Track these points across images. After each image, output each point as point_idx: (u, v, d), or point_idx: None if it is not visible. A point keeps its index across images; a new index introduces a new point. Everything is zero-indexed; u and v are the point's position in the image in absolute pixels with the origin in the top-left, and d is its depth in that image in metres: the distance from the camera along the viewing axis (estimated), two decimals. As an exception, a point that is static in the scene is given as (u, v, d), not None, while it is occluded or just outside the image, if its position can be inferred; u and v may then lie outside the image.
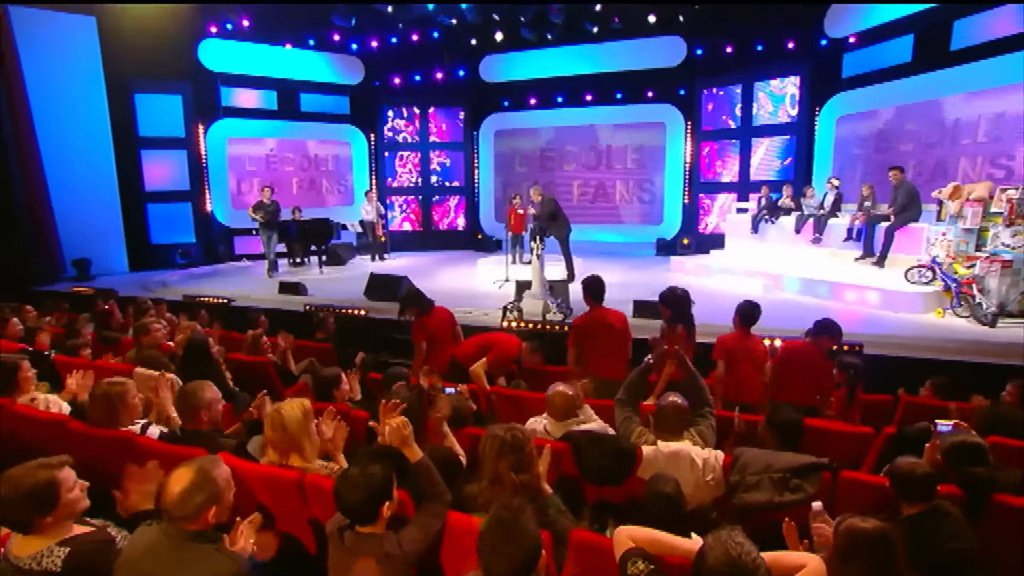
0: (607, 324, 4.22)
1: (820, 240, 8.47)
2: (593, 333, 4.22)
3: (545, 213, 8.84)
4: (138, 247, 11.08)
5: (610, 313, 4.28)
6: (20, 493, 1.79)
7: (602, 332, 4.21)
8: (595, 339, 4.22)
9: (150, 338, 4.25)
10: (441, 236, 14.50)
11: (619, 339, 4.24)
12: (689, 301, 4.21)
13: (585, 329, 4.25)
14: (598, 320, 4.24)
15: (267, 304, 7.52)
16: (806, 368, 3.87)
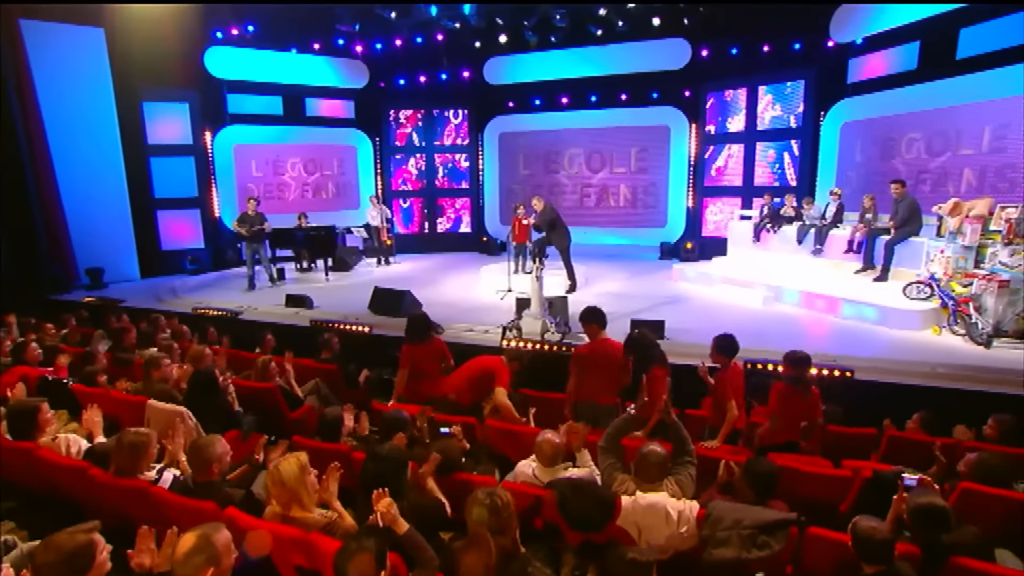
0: (608, 356, 4.34)
1: (821, 251, 8.50)
2: (594, 363, 4.34)
3: (544, 221, 8.92)
4: (149, 254, 11.32)
5: (611, 344, 4.39)
6: (62, 557, 1.96)
7: (602, 362, 4.33)
8: (594, 369, 4.35)
9: (160, 372, 4.43)
10: (446, 239, 14.63)
11: (618, 370, 4.37)
12: (654, 344, 4.29)
13: (586, 359, 4.38)
14: (600, 351, 4.36)
15: (273, 318, 7.70)
16: (795, 407, 3.96)
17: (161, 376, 4.45)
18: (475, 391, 4.59)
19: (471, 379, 4.57)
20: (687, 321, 7.15)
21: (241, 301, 8.78)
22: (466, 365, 4.74)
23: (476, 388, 4.60)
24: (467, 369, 4.70)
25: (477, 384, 4.60)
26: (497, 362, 4.65)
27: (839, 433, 4.08)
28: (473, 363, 4.73)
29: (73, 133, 10.12)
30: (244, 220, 9.72)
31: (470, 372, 4.64)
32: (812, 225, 8.62)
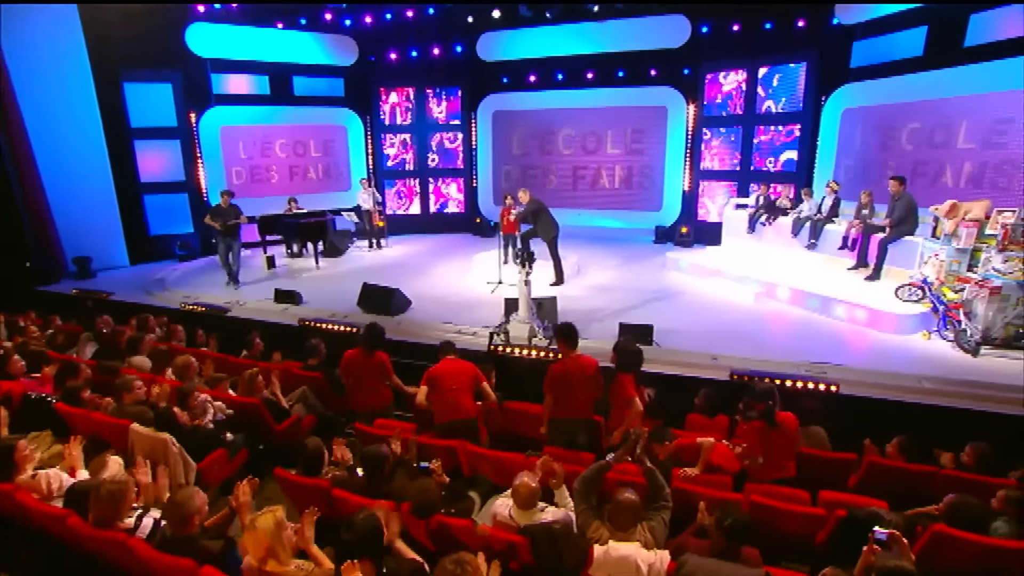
0: (581, 373, 4.33)
1: (815, 245, 8.39)
2: (567, 381, 4.34)
3: (528, 212, 8.80)
4: (137, 240, 11.18)
5: (583, 361, 4.37)
6: None
7: (575, 379, 4.33)
8: (568, 386, 4.34)
9: (132, 396, 4.40)
10: (439, 219, 14.47)
11: (592, 386, 4.38)
12: (640, 359, 4.30)
13: (559, 377, 4.37)
14: (572, 368, 4.34)
15: (262, 315, 7.65)
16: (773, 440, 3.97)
17: (134, 399, 4.43)
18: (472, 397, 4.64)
19: (470, 386, 4.58)
20: (677, 321, 7.12)
21: (230, 294, 8.72)
22: (450, 376, 4.61)
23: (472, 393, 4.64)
24: (460, 377, 4.60)
25: (472, 389, 4.63)
26: (472, 366, 4.69)
27: (819, 458, 4.09)
28: (457, 371, 4.63)
29: (52, 117, 9.82)
30: (217, 214, 9.04)
31: (466, 379, 4.60)
32: (808, 218, 8.50)
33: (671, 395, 5.10)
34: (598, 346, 6.22)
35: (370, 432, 4.44)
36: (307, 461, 3.64)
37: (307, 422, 5.32)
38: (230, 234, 9.02)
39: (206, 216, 9.03)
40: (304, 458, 3.66)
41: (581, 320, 7.18)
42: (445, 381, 4.53)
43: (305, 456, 3.65)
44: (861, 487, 4.01)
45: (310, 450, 3.66)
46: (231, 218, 9.04)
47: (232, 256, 9.09)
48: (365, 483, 3.47)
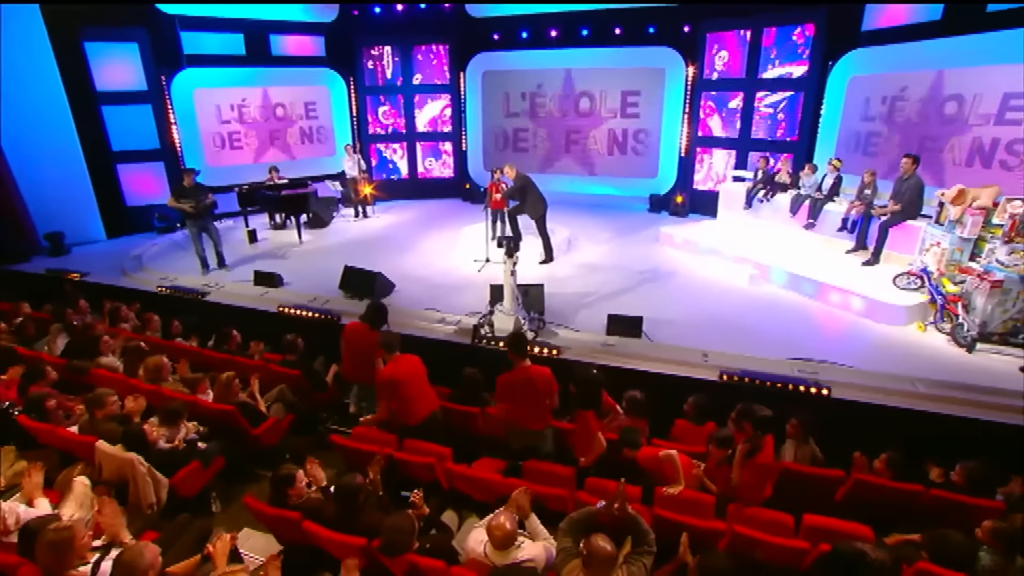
0: (531, 384, 4.18)
1: (814, 225, 8.11)
2: (517, 393, 4.21)
3: (515, 189, 8.46)
4: (113, 212, 10.75)
5: (533, 371, 4.21)
6: None
7: (526, 391, 4.19)
8: (520, 398, 4.22)
9: (104, 411, 4.22)
10: (428, 184, 14.02)
11: (543, 395, 4.25)
12: (599, 389, 4.15)
13: (509, 389, 4.23)
14: (522, 379, 4.20)
15: (240, 300, 7.41)
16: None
17: (107, 415, 4.25)
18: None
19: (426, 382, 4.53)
20: (668, 307, 6.93)
21: (209, 275, 8.43)
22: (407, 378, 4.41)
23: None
24: (415, 378, 4.47)
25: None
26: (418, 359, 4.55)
27: (806, 475, 3.99)
28: (411, 372, 4.45)
29: (8, 85, 9.17)
30: (184, 195, 8.11)
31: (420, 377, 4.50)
32: (807, 196, 8.17)
33: (659, 396, 4.96)
34: (587, 338, 6.08)
35: (347, 445, 4.31)
36: (275, 486, 3.49)
37: (285, 423, 5.21)
38: (202, 216, 8.27)
39: (169, 199, 8.23)
40: (273, 483, 3.51)
41: (569, 306, 7.04)
42: (404, 388, 4.36)
43: (274, 482, 3.50)
44: (847, 504, 3.93)
45: (280, 476, 3.50)
46: (200, 198, 8.19)
47: (210, 239, 8.50)
48: (337, 515, 3.35)
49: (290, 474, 3.49)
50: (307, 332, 6.56)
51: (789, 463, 4.11)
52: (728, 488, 3.83)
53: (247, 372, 5.66)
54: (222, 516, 4.52)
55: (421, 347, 6.26)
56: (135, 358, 5.23)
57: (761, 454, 3.77)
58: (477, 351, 6.04)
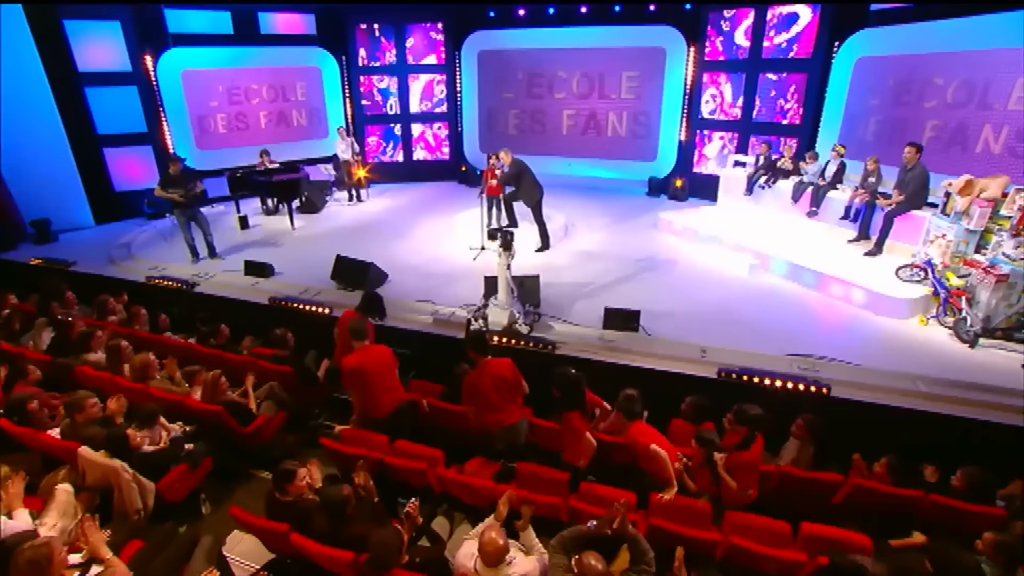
0: (497, 378, 4.12)
1: (816, 213, 7.94)
2: (483, 389, 4.13)
3: (511, 175, 8.27)
4: (101, 197, 10.52)
5: (496, 365, 4.15)
6: None
7: (491, 386, 4.12)
8: (487, 394, 4.14)
9: (84, 415, 4.11)
10: (423, 167, 13.77)
11: (512, 386, 4.19)
12: (581, 388, 4.02)
13: (473, 387, 4.16)
14: (488, 375, 4.13)
15: (230, 291, 7.27)
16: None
17: (87, 418, 4.14)
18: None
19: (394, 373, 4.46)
20: (667, 299, 6.81)
21: (199, 265, 8.27)
22: (374, 369, 4.34)
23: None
24: (383, 368, 4.39)
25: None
26: (388, 349, 4.48)
27: (804, 479, 3.91)
28: (380, 362, 4.38)
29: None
30: (171, 183, 7.79)
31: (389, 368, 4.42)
32: (810, 184, 7.99)
33: (655, 394, 4.86)
34: (584, 333, 5.97)
35: (335, 448, 4.22)
36: (276, 479, 3.44)
37: (276, 421, 5.12)
38: (191, 205, 7.99)
39: (156, 188, 7.88)
40: (275, 476, 3.46)
41: (565, 298, 6.92)
42: (371, 378, 4.30)
43: (275, 474, 3.44)
44: (845, 508, 3.87)
45: (280, 471, 3.44)
46: (188, 186, 7.88)
47: (199, 227, 8.25)
48: (325, 528, 3.26)
49: (292, 470, 3.44)
50: (298, 325, 6.46)
51: (787, 466, 4.03)
52: (708, 487, 3.80)
53: (237, 368, 5.59)
54: (212, 518, 4.46)
55: (414, 341, 6.22)
56: (117, 357, 5.09)
57: (747, 452, 3.72)
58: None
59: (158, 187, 7.84)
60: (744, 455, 3.73)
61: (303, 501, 3.39)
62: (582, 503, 3.56)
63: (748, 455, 3.73)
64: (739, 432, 3.85)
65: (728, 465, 3.79)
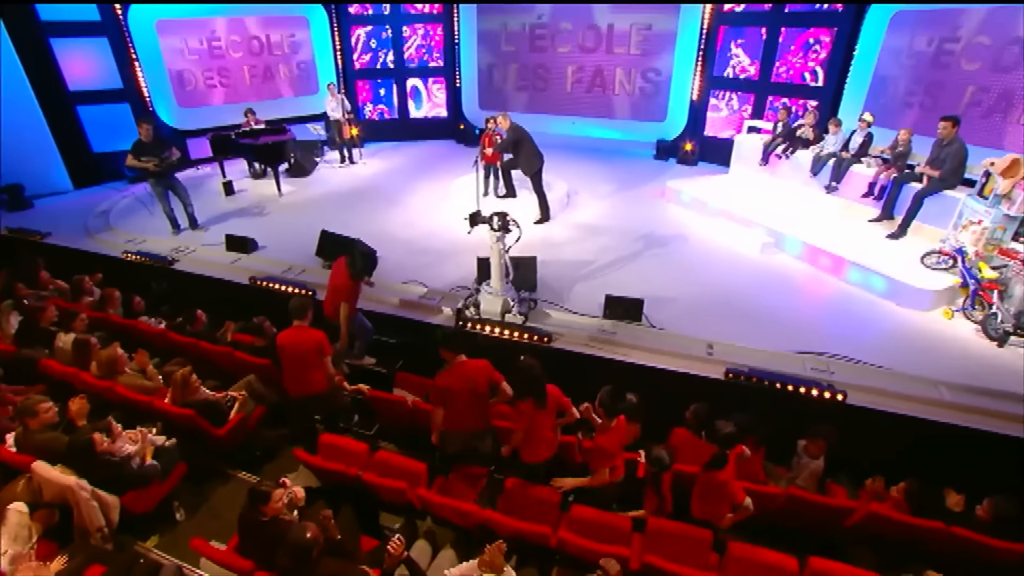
0: (470, 381, 3.81)
1: (836, 188, 7.36)
2: (454, 392, 3.81)
3: (509, 142, 7.70)
4: (79, 160, 10.00)
5: (471, 367, 3.83)
6: None
7: (463, 389, 3.80)
8: (459, 397, 3.82)
9: (38, 420, 3.81)
10: (420, 125, 13.07)
11: (484, 392, 3.88)
12: (540, 377, 3.69)
13: (445, 389, 3.83)
14: (460, 377, 3.80)
15: (210, 269, 6.87)
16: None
17: (42, 423, 3.84)
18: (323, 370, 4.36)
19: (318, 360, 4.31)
20: (672, 282, 6.39)
21: (179, 237, 7.84)
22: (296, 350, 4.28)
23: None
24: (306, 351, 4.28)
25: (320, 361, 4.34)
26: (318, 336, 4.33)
27: (814, 504, 3.62)
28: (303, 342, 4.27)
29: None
30: (143, 151, 7.15)
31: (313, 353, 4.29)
32: (831, 155, 7.37)
33: (658, 397, 4.54)
34: (582, 323, 5.59)
35: (311, 462, 3.93)
36: (251, 500, 3.17)
37: (254, 418, 4.84)
38: (167, 174, 7.43)
39: (128, 157, 7.20)
40: (250, 496, 3.18)
41: (564, 279, 6.51)
42: (287, 360, 4.30)
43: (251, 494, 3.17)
44: (857, 535, 3.60)
45: (256, 492, 3.16)
46: (163, 154, 7.29)
47: (178, 197, 7.73)
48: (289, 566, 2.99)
49: (267, 492, 3.15)
50: (281, 308, 6.09)
51: (796, 489, 3.72)
52: (653, 508, 3.61)
53: (214, 359, 5.28)
54: (187, 525, 4.25)
55: (400, 328, 5.86)
56: (85, 353, 4.77)
57: (720, 472, 3.43)
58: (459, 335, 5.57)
59: (130, 156, 7.23)
60: (716, 475, 3.43)
61: (279, 523, 3.11)
62: (572, 534, 3.28)
63: (721, 475, 3.42)
64: (711, 450, 3.53)
65: (700, 485, 3.54)
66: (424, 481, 3.83)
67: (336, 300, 5.01)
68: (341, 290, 5.01)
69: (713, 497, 3.51)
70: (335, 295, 5.06)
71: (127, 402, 4.54)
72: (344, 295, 4.98)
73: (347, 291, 4.98)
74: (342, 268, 5.02)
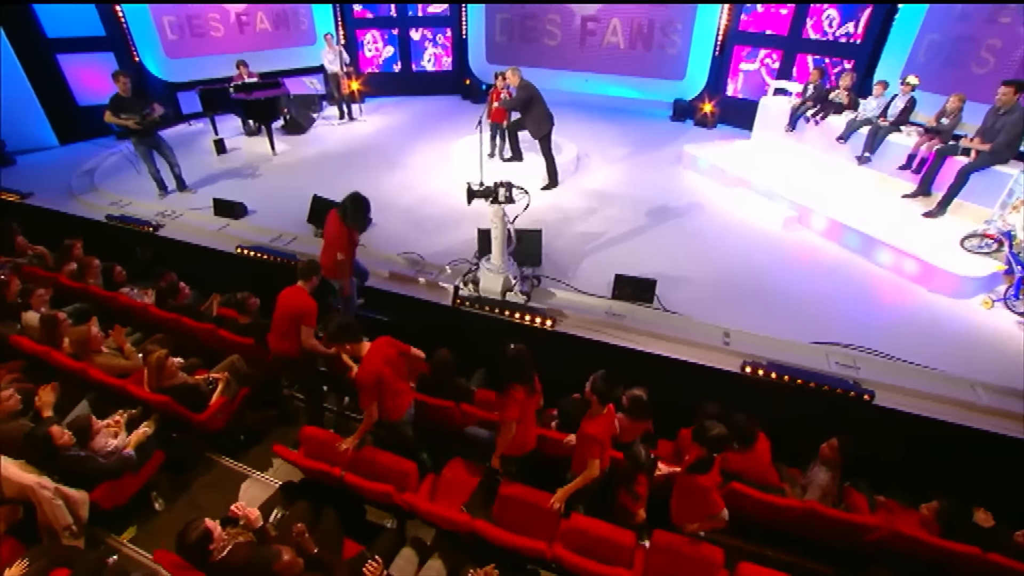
0: (391, 358, 3.67)
1: (870, 160, 6.77)
2: (386, 375, 3.57)
3: (518, 101, 7.11)
4: (64, 113, 9.49)
5: (385, 346, 3.68)
6: None
7: (391, 368, 3.64)
8: (390, 378, 3.61)
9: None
10: (423, 78, 12.36)
11: (402, 369, 3.78)
12: (525, 362, 3.47)
13: (378, 375, 3.54)
14: (381, 359, 3.59)
15: (196, 236, 6.49)
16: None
17: (3, 413, 3.58)
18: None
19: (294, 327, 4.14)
20: (687, 259, 5.96)
21: (165, 201, 7.44)
22: (282, 310, 4.19)
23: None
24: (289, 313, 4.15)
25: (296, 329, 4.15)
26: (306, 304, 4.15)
27: (831, 519, 3.31)
28: (289, 305, 4.16)
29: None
30: (122, 107, 6.60)
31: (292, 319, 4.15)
32: (867, 122, 6.75)
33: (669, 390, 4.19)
34: (589, 303, 5.21)
35: (291, 459, 3.67)
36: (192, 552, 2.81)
37: (237, 401, 4.57)
38: (150, 133, 6.92)
39: (106, 113, 6.63)
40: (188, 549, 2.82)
41: (570, 254, 6.10)
42: (276, 316, 4.22)
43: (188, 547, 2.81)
44: (878, 552, 3.31)
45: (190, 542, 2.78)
46: (144, 109, 6.73)
47: (163, 158, 7.25)
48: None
49: (203, 535, 2.80)
50: (268, 280, 5.75)
51: (813, 502, 3.41)
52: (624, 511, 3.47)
53: (198, 336, 4.99)
54: (167, 515, 4.05)
55: (393, 305, 5.51)
56: (54, 330, 4.47)
57: (703, 476, 3.10)
58: (459, 316, 5.23)
59: (107, 112, 6.70)
60: (699, 479, 3.11)
61: (234, 555, 2.81)
62: (569, 551, 3.00)
63: (704, 480, 3.10)
64: (697, 451, 3.19)
65: (679, 488, 3.24)
66: (413, 481, 3.56)
67: (332, 253, 4.79)
68: (335, 241, 4.78)
69: (691, 503, 3.20)
70: (330, 247, 4.83)
71: (102, 384, 4.27)
72: (340, 244, 4.74)
73: (342, 239, 4.75)
74: (335, 218, 4.80)
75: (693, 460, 3.18)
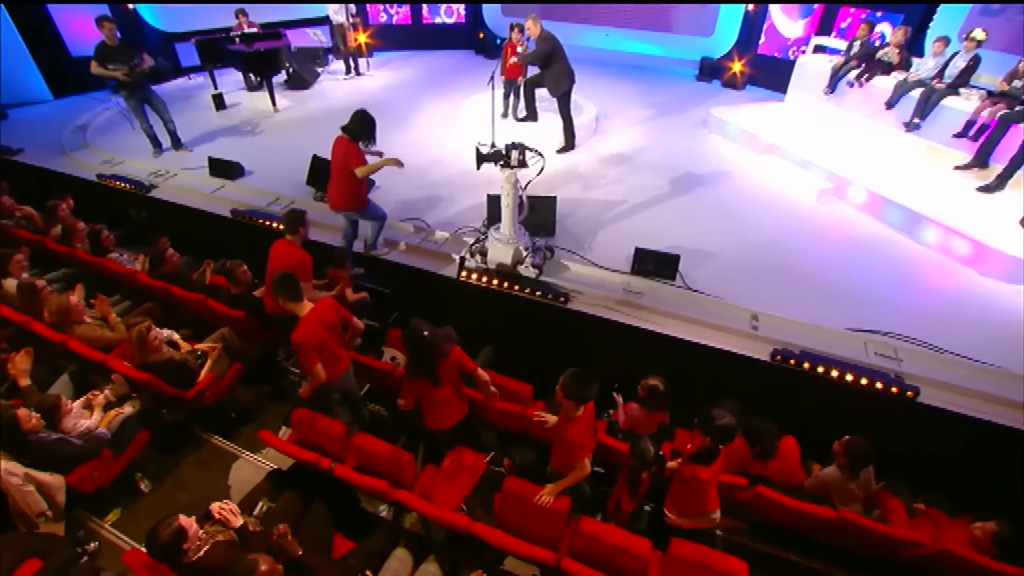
0: (332, 326, 3.46)
1: (919, 127, 6.15)
2: (321, 335, 3.38)
3: (538, 52, 6.53)
4: (57, 66, 9.06)
5: (325, 310, 3.44)
6: None
7: (331, 333, 3.46)
8: (325, 341, 3.42)
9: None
10: (435, 32, 11.68)
11: (340, 326, 3.57)
12: (435, 348, 3.25)
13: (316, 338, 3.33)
14: (320, 323, 3.39)
15: (190, 198, 6.14)
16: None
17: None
18: None
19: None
20: (712, 232, 5.51)
21: (160, 159, 7.07)
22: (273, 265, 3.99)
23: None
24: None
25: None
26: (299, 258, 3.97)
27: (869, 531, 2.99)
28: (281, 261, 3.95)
29: None
30: (108, 56, 6.19)
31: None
32: (919, 84, 6.10)
33: (690, 378, 3.85)
34: (606, 279, 4.82)
35: (280, 448, 3.40)
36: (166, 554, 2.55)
37: (228, 377, 4.31)
38: (141, 85, 6.49)
39: (92, 63, 6.21)
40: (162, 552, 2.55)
41: (587, 224, 5.68)
42: (270, 271, 4.03)
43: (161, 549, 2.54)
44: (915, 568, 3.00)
45: (163, 544, 2.51)
46: (132, 60, 6.28)
47: (156, 113, 6.82)
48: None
49: (175, 534, 2.53)
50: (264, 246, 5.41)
51: (848, 512, 3.08)
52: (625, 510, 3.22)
53: (189, 306, 4.70)
54: (154, 496, 3.85)
55: (396, 274, 5.16)
56: (33, 299, 4.19)
57: (705, 468, 2.88)
58: (463, 289, 4.87)
59: (94, 62, 6.26)
60: (700, 471, 2.88)
61: (210, 556, 2.56)
62: (577, 562, 2.72)
63: (705, 472, 2.88)
64: (702, 442, 2.92)
65: (680, 478, 2.99)
66: (411, 473, 3.29)
67: (342, 178, 4.56)
68: (344, 160, 4.50)
69: (687, 495, 2.96)
70: (340, 172, 4.57)
71: (83, 357, 4.01)
72: (353, 160, 4.48)
73: (353, 156, 4.49)
74: (341, 139, 4.55)
75: (695, 450, 2.93)
